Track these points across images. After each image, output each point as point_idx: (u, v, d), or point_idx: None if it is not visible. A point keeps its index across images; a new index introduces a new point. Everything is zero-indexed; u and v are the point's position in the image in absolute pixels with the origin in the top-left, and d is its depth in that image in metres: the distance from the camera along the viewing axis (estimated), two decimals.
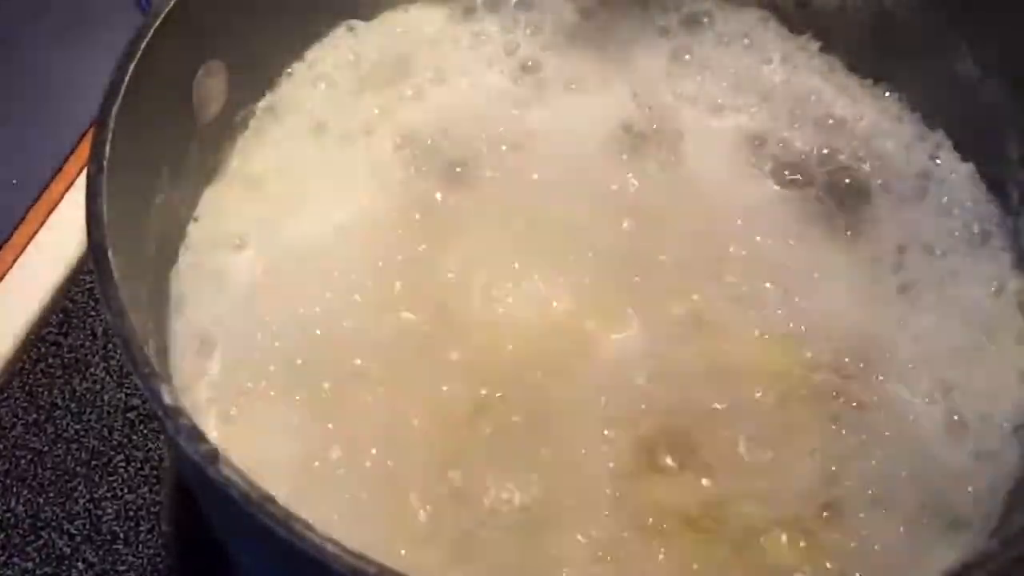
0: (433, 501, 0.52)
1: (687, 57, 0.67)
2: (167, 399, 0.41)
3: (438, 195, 0.61)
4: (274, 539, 0.39)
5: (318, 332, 0.56)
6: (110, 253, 0.45)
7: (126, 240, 0.49)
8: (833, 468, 0.54)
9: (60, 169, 0.78)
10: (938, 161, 0.63)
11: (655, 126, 0.65)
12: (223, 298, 0.57)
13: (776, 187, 0.63)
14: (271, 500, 0.39)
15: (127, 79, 0.49)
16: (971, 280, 0.60)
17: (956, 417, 0.55)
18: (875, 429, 0.55)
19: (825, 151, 0.64)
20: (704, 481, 0.53)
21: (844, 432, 0.55)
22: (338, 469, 0.53)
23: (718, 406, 0.55)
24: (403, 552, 0.51)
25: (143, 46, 0.50)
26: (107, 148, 0.47)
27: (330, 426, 0.54)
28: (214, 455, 0.39)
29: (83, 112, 0.49)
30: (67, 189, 0.77)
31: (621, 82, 0.66)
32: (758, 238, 0.61)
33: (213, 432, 0.53)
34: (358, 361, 0.56)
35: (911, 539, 0.52)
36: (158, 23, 0.51)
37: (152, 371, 0.41)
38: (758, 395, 0.55)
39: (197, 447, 0.40)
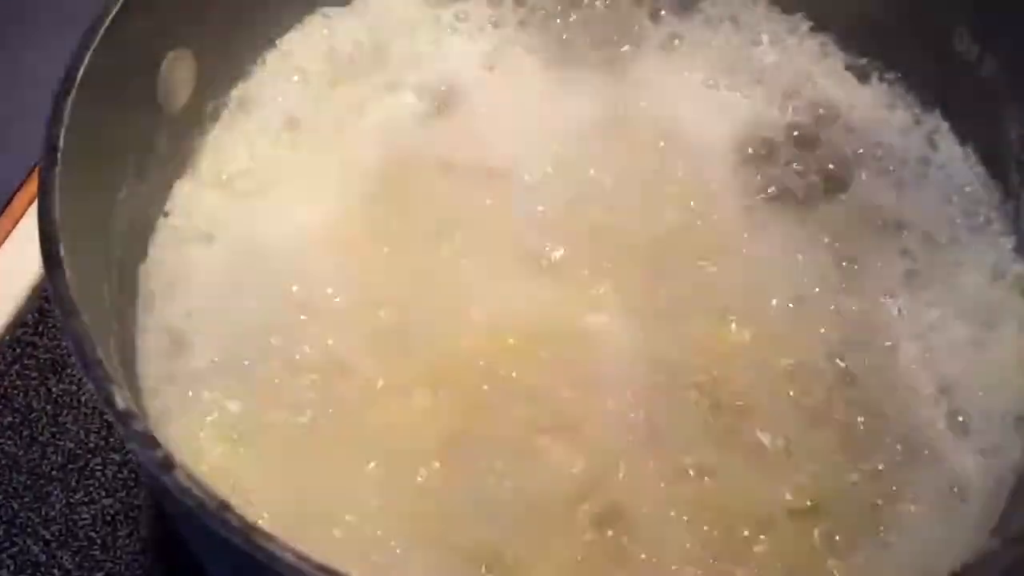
0: (422, 506, 0.50)
1: (676, 42, 0.65)
2: (120, 403, 0.39)
3: (413, 191, 0.59)
4: (232, 548, 0.37)
5: (292, 330, 0.55)
6: (61, 250, 0.43)
7: (85, 235, 0.47)
8: (833, 467, 0.52)
9: (34, 167, 0.76)
10: (936, 144, 0.61)
11: (644, 111, 0.63)
12: (194, 295, 0.56)
13: (771, 174, 0.61)
14: (228, 508, 0.37)
15: (83, 68, 0.47)
16: (972, 267, 0.58)
17: (960, 418, 0.54)
18: (878, 428, 0.53)
19: (821, 136, 0.62)
20: (706, 477, 0.52)
21: (846, 431, 0.53)
22: (313, 473, 0.51)
23: (713, 401, 0.54)
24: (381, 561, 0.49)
25: (101, 33, 0.48)
26: (60, 141, 0.45)
27: (305, 428, 0.52)
28: (168, 462, 0.37)
29: None
30: None
31: (610, 65, 0.65)
32: (753, 226, 0.59)
33: (182, 434, 0.51)
34: (334, 360, 0.54)
35: (916, 539, 0.51)
36: (118, 8, 0.49)
37: (104, 374, 0.39)
38: (759, 391, 0.54)
39: (151, 453, 0.38)
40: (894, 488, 0.52)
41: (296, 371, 0.54)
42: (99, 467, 0.67)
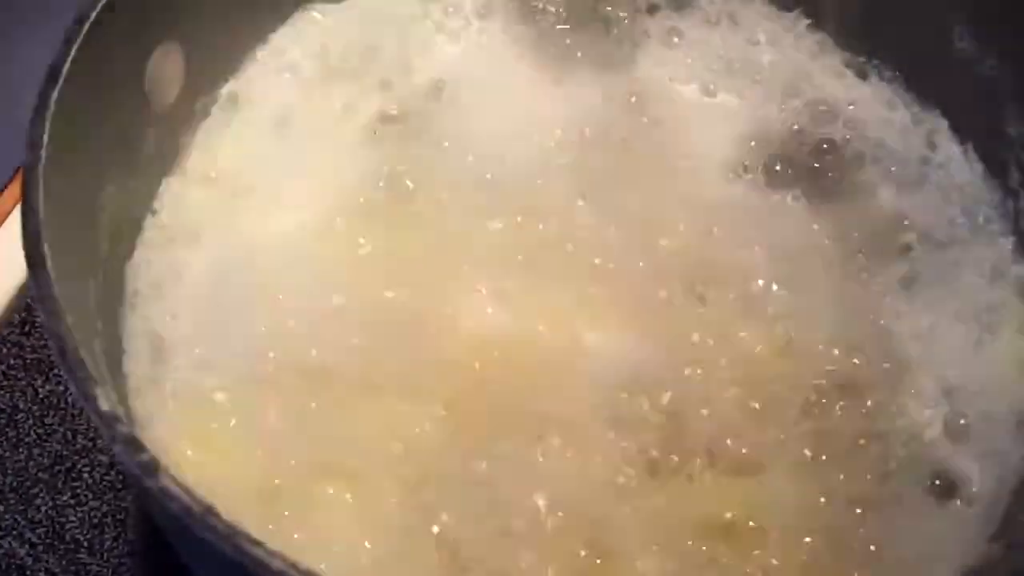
0: (405, 519, 0.50)
1: (676, 39, 0.65)
2: (103, 405, 0.38)
3: (403, 193, 0.58)
4: (218, 553, 0.36)
5: (280, 332, 0.54)
6: (45, 249, 0.42)
7: (70, 234, 0.46)
8: (832, 470, 0.52)
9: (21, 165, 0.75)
10: (935, 143, 0.61)
11: (641, 109, 0.62)
12: (181, 295, 0.55)
13: (769, 173, 0.61)
14: (214, 513, 0.36)
15: (68, 63, 0.46)
16: (972, 268, 0.58)
17: (962, 421, 0.53)
18: (877, 431, 0.53)
19: (819, 136, 0.62)
20: (713, 487, 0.51)
21: (845, 433, 0.53)
22: (301, 479, 0.50)
23: (714, 410, 0.53)
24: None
25: (87, 27, 0.48)
26: (45, 138, 0.45)
27: (293, 432, 0.51)
28: (153, 466, 0.37)
29: None
30: None
31: (606, 62, 0.64)
32: (752, 228, 0.59)
33: (167, 437, 0.50)
34: (321, 364, 0.53)
35: (916, 544, 0.51)
36: (104, 1, 0.48)
37: (87, 375, 0.38)
38: (756, 394, 0.54)
39: (135, 457, 0.37)
40: (894, 492, 0.51)
41: (284, 373, 0.53)
42: (86, 469, 0.66)
